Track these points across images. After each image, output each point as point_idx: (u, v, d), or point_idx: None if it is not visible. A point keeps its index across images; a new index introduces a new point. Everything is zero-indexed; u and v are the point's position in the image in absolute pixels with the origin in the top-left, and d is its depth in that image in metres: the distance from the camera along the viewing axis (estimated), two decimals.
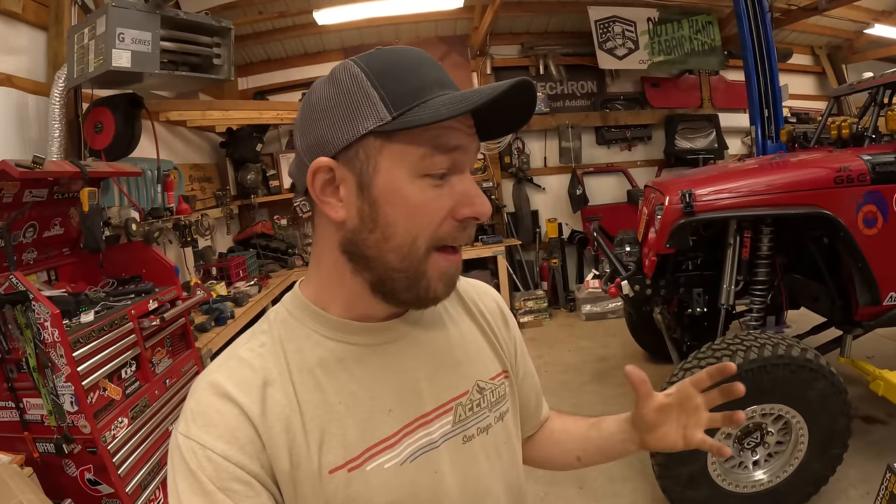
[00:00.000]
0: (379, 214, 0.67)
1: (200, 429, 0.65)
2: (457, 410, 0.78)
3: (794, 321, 3.72)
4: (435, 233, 0.67)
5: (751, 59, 4.06)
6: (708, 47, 6.13)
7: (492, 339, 0.88)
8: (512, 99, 0.66)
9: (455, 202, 0.68)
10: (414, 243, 0.67)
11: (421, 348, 0.78)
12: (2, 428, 2.11)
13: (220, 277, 4.51)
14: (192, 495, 0.62)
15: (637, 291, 3.20)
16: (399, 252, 0.67)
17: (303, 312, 0.75)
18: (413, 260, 0.68)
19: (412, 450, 0.73)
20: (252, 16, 5.22)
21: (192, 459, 0.63)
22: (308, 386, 0.70)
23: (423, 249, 0.68)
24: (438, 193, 0.67)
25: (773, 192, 2.70)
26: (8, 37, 2.70)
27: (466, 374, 0.81)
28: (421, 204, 0.66)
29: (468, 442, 0.78)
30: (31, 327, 1.98)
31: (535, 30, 6.43)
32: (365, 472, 0.69)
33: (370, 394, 0.72)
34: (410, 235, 0.67)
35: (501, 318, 0.93)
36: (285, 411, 0.68)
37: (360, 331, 0.74)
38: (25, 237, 2.39)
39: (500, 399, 0.84)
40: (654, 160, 6.71)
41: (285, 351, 0.72)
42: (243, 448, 0.64)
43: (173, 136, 4.74)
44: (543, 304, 6.05)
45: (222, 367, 0.70)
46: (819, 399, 2.35)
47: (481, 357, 0.85)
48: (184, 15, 2.74)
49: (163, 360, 2.73)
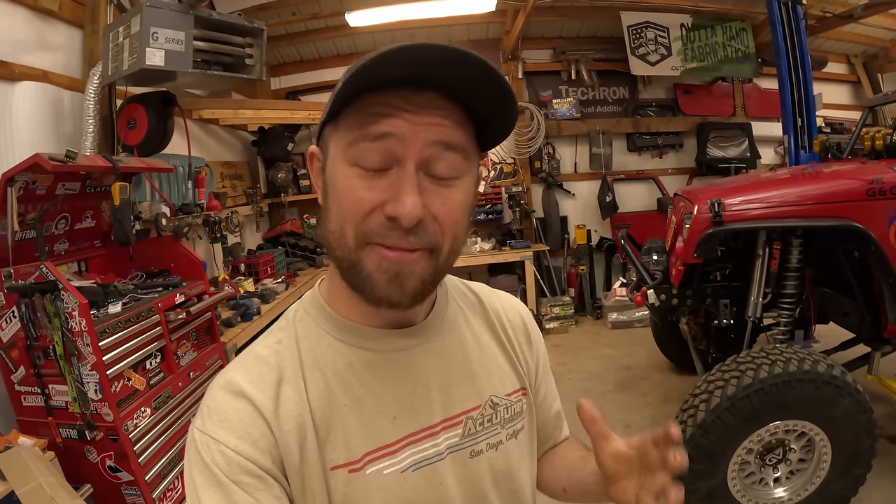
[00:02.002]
0: (327, 198, 0.69)
1: (215, 424, 0.67)
2: (467, 424, 0.77)
3: (824, 336, 3.61)
4: (360, 225, 0.64)
5: (784, 66, 3.97)
6: (742, 54, 6.00)
7: (511, 355, 0.86)
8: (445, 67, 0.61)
9: (387, 196, 0.63)
10: (342, 231, 0.66)
11: (436, 359, 0.78)
12: (27, 412, 2.18)
13: (248, 274, 4.58)
14: (207, 487, 0.64)
15: (663, 301, 3.14)
16: (334, 238, 0.67)
17: (318, 312, 0.76)
18: (345, 248, 0.66)
19: (415, 459, 0.72)
20: (285, 17, 5.30)
21: (207, 453, 0.65)
22: (319, 385, 0.71)
23: (351, 241, 0.65)
24: (366, 185, 0.64)
25: (803, 204, 2.63)
26: (45, 34, 2.78)
27: (480, 389, 0.80)
28: (345, 190, 0.65)
29: (476, 457, 0.77)
30: (59, 316, 2.04)
31: (568, 34, 6.39)
32: (364, 476, 0.69)
33: (377, 400, 0.72)
34: (339, 222, 0.66)
35: (524, 334, 0.91)
36: (298, 409, 0.69)
37: (374, 336, 0.74)
38: (57, 228, 2.47)
39: (514, 416, 0.82)
40: (686, 168, 6.61)
41: (300, 349, 0.73)
42: (255, 443, 0.66)
43: (206, 133, 4.84)
44: (570, 311, 5.99)
45: (240, 365, 0.73)
46: (843, 417, 2.28)
47: (498, 372, 0.83)
48: (217, 15, 2.79)
49: (187, 353, 2.78)
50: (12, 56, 2.54)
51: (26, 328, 2.06)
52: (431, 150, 0.64)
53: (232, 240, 4.77)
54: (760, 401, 2.24)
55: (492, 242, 6.05)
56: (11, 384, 2.18)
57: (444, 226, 0.66)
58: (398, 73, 0.61)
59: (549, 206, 6.42)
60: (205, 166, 4.19)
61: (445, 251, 0.68)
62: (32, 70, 2.63)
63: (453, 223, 0.67)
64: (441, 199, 0.66)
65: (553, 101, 6.42)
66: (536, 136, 6.22)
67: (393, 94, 0.63)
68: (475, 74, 0.63)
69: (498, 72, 0.63)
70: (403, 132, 0.63)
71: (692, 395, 2.42)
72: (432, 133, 0.64)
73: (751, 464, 2.39)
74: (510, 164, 6.47)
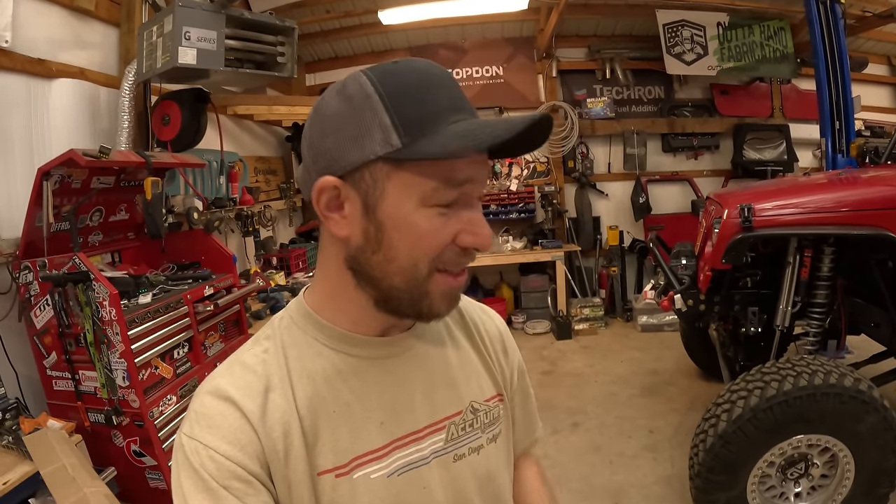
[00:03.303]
0: (384, 237, 0.67)
1: (204, 430, 0.67)
2: (449, 429, 0.79)
3: (857, 347, 3.49)
4: (437, 258, 0.68)
5: (822, 67, 3.84)
6: (780, 54, 5.81)
7: (488, 362, 0.89)
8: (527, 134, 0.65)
9: (459, 230, 0.68)
10: (416, 266, 0.68)
11: (419, 365, 0.79)
12: (58, 396, 2.28)
13: (279, 267, 4.67)
14: (196, 493, 0.65)
15: (690, 306, 3.08)
16: (402, 274, 0.68)
17: (305, 321, 0.77)
18: (416, 281, 0.68)
19: (401, 464, 0.74)
20: (319, 14, 5.36)
21: (196, 458, 0.66)
22: (307, 392, 0.72)
23: (424, 273, 0.68)
24: (444, 222, 0.67)
25: (836, 211, 2.53)
26: (81, 32, 2.89)
27: (461, 395, 0.82)
28: (427, 233, 0.67)
29: (459, 461, 0.79)
30: (90, 305, 2.12)
31: (603, 32, 6.29)
32: (352, 480, 0.71)
33: (364, 405, 0.74)
34: (412, 260, 0.67)
35: (500, 343, 0.93)
36: (285, 416, 0.70)
37: (361, 343, 0.76)
38: (92, 221, 2.56)
39: (493, 421, 0.85)
40: (721, 170, 6.44)
41: (287, 357, 0.74)
42: (244, 449, 0.67)
43: (240, 129, 4.94)
44: (600, 312, 5.93)
45: (226, 373, 0.73)
46: (869, 433, 2.20)
47: (477, 378, 0.86)
48: (248, 14, 2.85)
49: (215, 344, 2.85)
50: (49, 54, 2.64)
51: (59, 316, 2.15)
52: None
53: (264, 234, 4.86)
54: (784, 413, 2.18)
55: (523, 242, 6.02)
56: (43, 369, 2.28)
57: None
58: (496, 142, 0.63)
59: (581, 206, 6.36)
60: (238, 161, 4.28)
61: None
62: (69, 67, 2.74)
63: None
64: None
65: (587, 100, 6.34)
66: (570, 135, 6.16)
67: None
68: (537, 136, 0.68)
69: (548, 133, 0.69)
70: (476, 176, 0.68)
71: (715, 404, 2.37)
72: (486, 172, 0.71)
73: (772, 477, 2.33)
74: (543, 163, 6.43)
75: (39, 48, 2.58)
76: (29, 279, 2.20)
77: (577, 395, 4.21)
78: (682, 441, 3.38)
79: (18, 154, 2.48)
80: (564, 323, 5.70)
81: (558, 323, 5.71)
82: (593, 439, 3.56)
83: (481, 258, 5.79)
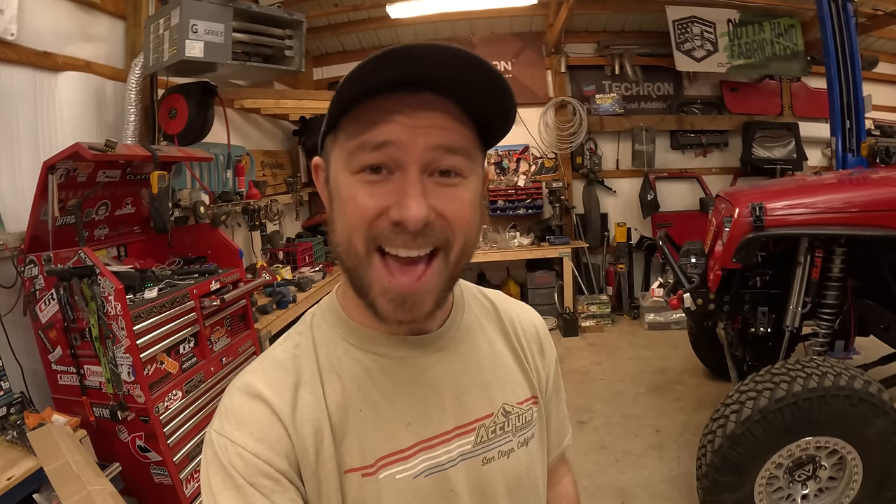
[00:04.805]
0: (333, 208, 0.69)
1: (233, 427, 0.68)
2: (479, 432, 0.77)
3: (865, 348, 3.46)
4: (368, 231, 0.64)
5: (833, 65, 3.78)
6: (790, 52, 5.75)
7: (524, 364, 0.86)
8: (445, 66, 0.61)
9: (392, 201, 0.63)
10: (350, 240, 0.66)
11: (450, 366, 0.78)
12: (63, 391, 2.27)
13: (286, 262, 4.65)
14: (224, 489, 0.65)
15: (699, 305, 3.05)
16: (342, 247, 0.67)
17: (335, 318, 0.77)
18: (354, 258, 0.66)
19: (427, 465, 0.73)
20: (328, 8, 5.34)
21: (224, 455, 0.66)
22: (336, 390, 0.72)
23: (360, 248, 0.65)
24: (370, 191, 0.64)
25: (847, 211, 2.51)
26: (87, 25, 2.88)
27: (493, 396, 0.80)
28: (349, 198, 0.65)
29: (487, 464, 0.77)
30: (95, 300, 2.11)
31: (612, 28, 6.25)
32: (377, 481, 0.70)
33: (392, 406, 0.73)
34: (346, 231, 0.66)
35: (538, 344, 0.91)
36: (315, 413, 0.70)
37: (389, 344, 0.75)
38: (98, 214, 2.56)
39: (525, 424, 0.82)
40: (730, 168, 6.41)
41: (318, 354, 0.74)
42: (273, 446, 0.66)
43: (247, 122, 4.93)
44: (607, 310, 5.91)
45: (257, 369, 0.73)
46: (878, 436, 2.18)
47: (511, 380, 0.83)
48: (256, 8, 2.83)
49: (221, 339, 2.84)
50: (55, 47, 2.63)
51: (64, 310, 2.14)
52: (433, 155, 0.64)
53: (271, 228, 4.86)
54: (792, 415, 2.17)
55: (530, 238, 6.01)
56: (49, 363, 2.28)
57: (454, 224, 0.66)
58: (389, 75, 0.61)
59: (589, 202, 6.34)
60: (245, 155, 4.27)
61: (456, 251, 0.68)
62: (75, 60, 2.73)
63: (464, 223, 0.67)
64: (447, 198, 0.65)
65: (596, 96, 6.30)
66: (578, 131, 6.13)
67: (389, 98, 0.63)
68: (468, 71, 0.62)
69: (491, 67, 0.63)
70: (402, 139, 0.63)
71: (723, 404, 2.35)
72: (432, 137, 0.63)
73: (779, 479, 2.31)
74: (551, 159, 6.41)
75: (45, 41, 2.57)
76: (34, 273, 2.20)
77: (584, 392, 4.19)
78: (688, 440, 3.36)
79: (24, 147, 2.47)
80: (571, 320, 5.68)
81: (565, 320, 5.69)
82: (600, 438, 3.55)
83: (488, 253, 5.78)
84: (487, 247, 5.92)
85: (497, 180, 6.35)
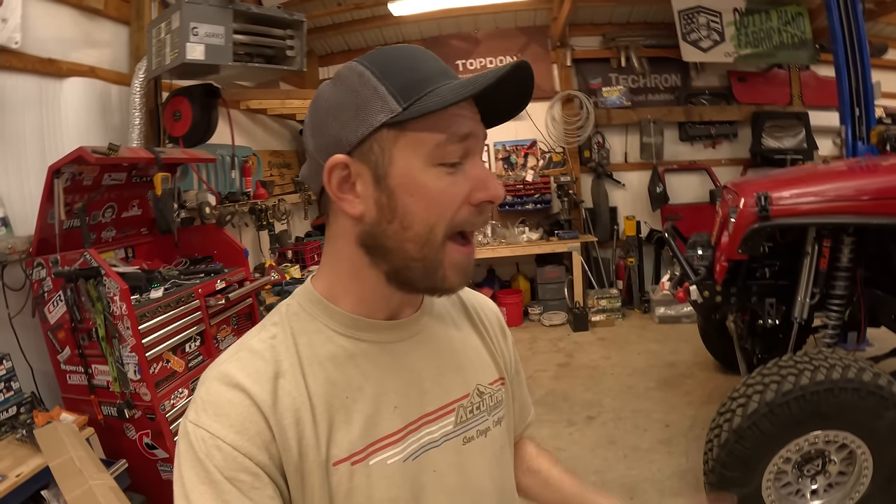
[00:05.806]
0: (397, 205, 0.68)
1: (211, 418, 0.65)
2: (458, 412, 0.79)
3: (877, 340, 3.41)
4: (452, 219, 0.68)
5: (841, 53, 3.71)
6: (798, 40, 5.66)
7: (490, 347, 0.90)
8: (512, 81, 0.67)
9: (470, 187, 0.68)
10: (432, 231, 0.68)
11: (427, 349, 0.80)
12: (72, 390, 2.32)
13: (295, 261, 4.69)
14: (198, 484, 0.62)
15: (706, 297, 3.02)
16: (417, 241, 0.68)
17: (315, 307, 0.76)
18: (431, 248, 0.69)
19: (415, 447, 0.73)
20: (331, 7, 5.36)
21: (201, 448, 0.63)
22: (318, 379, 0.71)
23: (440, 237, 0.68)
24: (454, 180, 0.68)
25: (856, 199, 2.45)
26: (91, 31, 2.92)
27: (468, 378, 0.82)
28: (438, 192, 0.67)
29: (468, 443, 0.79)
30: (101, 300, 2.15)
31: (617, 20, 6.19)
32: (368, 467, 0.70)
33: (377, 390, 0.73)
34: (428, 224, 0.68)
35: (499, 327, 0.95)
36: (296, 403, 0.68)
37: (371, 328, 0.76)
38: (105, 217, 2.60)
39: (497, 404, 0.85)
40: (740, 159, 6.34)
41: (297, 344, 0.73)
42: (253, 439, 0.64)
43: (253, 123, 4.97)
44: (617, 304, 5.88)
45: (233, 358, 0.70)
46: (888, 430, 2.13)
47: (481, 362, 0.87)
48: (256, 9, 2.85)
49: (227, 338, 2.88)
50: (60, 53, 2.67)
51: (71, 311, 2.19)
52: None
53: (279, 227, 4.89)
54: (800, 408, 2.13)
55: (539, 232, 6.00)
56: (57, 363, 2.32)
57: None
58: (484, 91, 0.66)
59: (598, 196, 6.30)
60: (252, 155, 4.31)
61: None
62: (80, 66, 2.77)
63: None
64: None
65: (603, 88, 6.26)
66: (586, 124, 6.10)
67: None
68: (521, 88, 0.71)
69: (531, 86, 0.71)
70: (476, 131, 0.70)
71: (730, 398, 2.32)
72: (483, 131, 0.72)
73: (788, 473, 2.28)
74: (559, 153, 6.38)
75: (50, 48, 2.61)
76: (42, 275, 2.24)
77: (593, 387, 4.18)
78: (698, 435, 3.33)
79: (31, 153, 2.51)
80: (581, 314, 5.66)
81: (575, 314, 5.67)
82: (609, 433, 3.53)
83: (497, 249, 5.78)
84: (497, 242, 5.92)
85: (505, 175, 6.35)
